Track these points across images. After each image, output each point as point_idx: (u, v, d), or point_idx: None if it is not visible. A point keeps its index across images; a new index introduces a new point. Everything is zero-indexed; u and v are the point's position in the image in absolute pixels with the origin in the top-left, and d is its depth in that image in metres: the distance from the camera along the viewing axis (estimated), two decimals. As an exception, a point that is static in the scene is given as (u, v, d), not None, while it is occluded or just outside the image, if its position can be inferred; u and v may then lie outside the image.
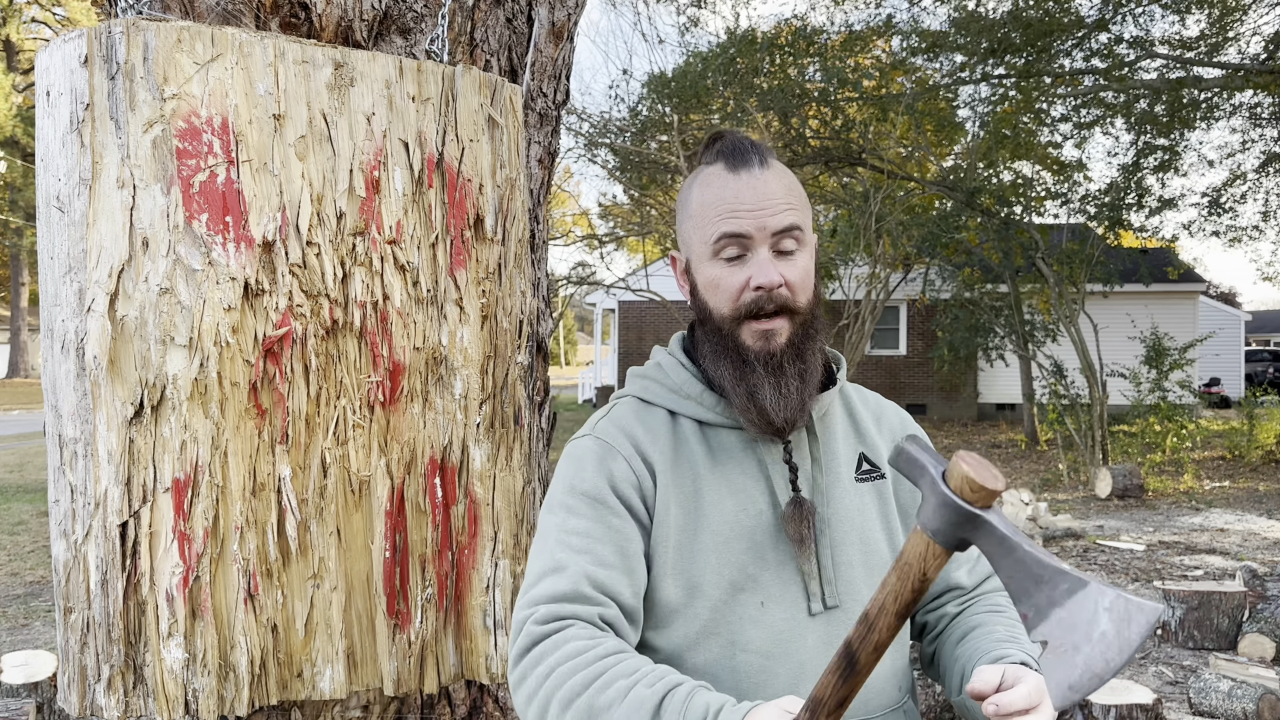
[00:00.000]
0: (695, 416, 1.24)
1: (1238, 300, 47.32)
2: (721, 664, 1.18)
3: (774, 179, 1.20)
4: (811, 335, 1.22)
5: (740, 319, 1.18)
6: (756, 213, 1.17)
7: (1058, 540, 8.19)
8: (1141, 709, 3.70)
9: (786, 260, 1.19)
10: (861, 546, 1.23)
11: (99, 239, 1.41)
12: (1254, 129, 13.32)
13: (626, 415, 1.26)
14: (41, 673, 3.93)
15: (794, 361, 1.19)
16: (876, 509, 1.26)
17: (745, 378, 1.18)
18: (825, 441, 1.26)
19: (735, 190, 1.18)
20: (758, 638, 1.18)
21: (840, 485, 1.25)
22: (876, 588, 1.11)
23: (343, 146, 1.53)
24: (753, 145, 1.21)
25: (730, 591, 1.18)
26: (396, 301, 1.58)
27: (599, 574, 1.14)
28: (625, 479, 1.19)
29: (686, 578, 1.18)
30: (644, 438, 1.22)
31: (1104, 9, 11.43)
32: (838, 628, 1.20)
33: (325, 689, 1.55)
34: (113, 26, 1.40)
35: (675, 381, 1.26)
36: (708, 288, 1.21)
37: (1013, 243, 12.98)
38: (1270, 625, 4.98)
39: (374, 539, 1.58)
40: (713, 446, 1.23)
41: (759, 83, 13.02)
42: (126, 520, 1.42)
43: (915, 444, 0.98)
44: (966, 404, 20.24)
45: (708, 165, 1.23)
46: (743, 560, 1.19)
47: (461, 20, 1.81)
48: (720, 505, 1.20)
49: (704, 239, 1.19)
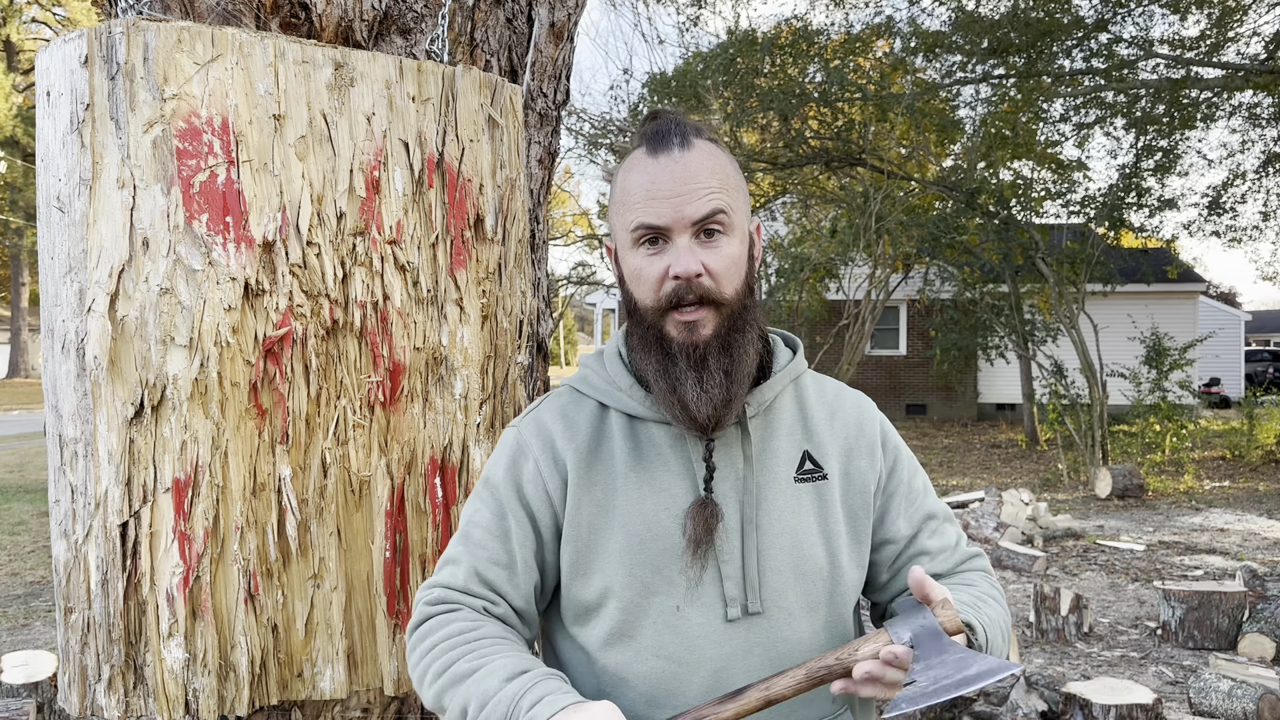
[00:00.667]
0: (625, 410, 1.21)
1: (1238, 300, 47.31)
2: (632, 667, 1.15)
3: (697, 160, 1.13)
4: (741, 328, 1.15)
5: (663, 310, 1.13)
6: (674, 200, 1.11)
7: (1058, 540, 8.19)
8: (1141, 709, 3.71)
9: (709, 248, 1.13)
10: (793, 550, 1.17)
11: (99, 239, 1.41)
12: (1254, 129, 13.32)
13: (552, 410, 1.24)
14: (41, 673, 3.93)
15: (719, 355, 1.13)
16: (814, 511, 1.20)
17: (668, 370, 1.14)
18: (764, 438, 1.21)
19: (653, 175, 1.12)
20: (671, 643, 1.14)
21: (775, 485, 1.19)
22: (804, 594, 1.17)
23: (343, 146, 1.53)
24: (676, 125, 1.15)
25: (643, 593, 1.15)
26: (396, 301, 1.58)
27: (489, 572, 1.17)
28: (532, 480, 1.19)
29: (599, 577, 1.16)
30: (561, 435, 1.20)
31: (1103, 9, 11.43)
32: (759, 635, 1.15)
33: (325, 689, 1.55)
34: (113, 27, 1.41)
35: (609, 373, 1.24)
36: (632, 278, 1.16)
37: (1013, 243, 12.98)
38: (1270, 625, 4.98)
39: (374, 539, 1.58)
40: (640, 442, 1.20)
41: (759, 83, 13.02)
42: (127, 520, 1.42)
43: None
44: (966, 404, 20.24)
45: (634, 149, 1.18)
46: (659, 561, 1.15)
47: (461, 20, 1.81)
48: (639, 504, 1.17)
49: (624, 227, 1.15)
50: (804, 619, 1.18)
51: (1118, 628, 5.72)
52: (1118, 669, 4.98)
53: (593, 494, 1.18)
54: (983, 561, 1.32)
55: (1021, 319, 14.07)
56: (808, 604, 1.18)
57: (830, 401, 1.28)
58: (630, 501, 1.17)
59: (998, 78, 12.49)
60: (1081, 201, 13.00)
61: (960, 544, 1.31)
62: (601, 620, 1.17)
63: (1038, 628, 5.56)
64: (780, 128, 13.93)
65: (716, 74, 12.77)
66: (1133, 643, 5.43)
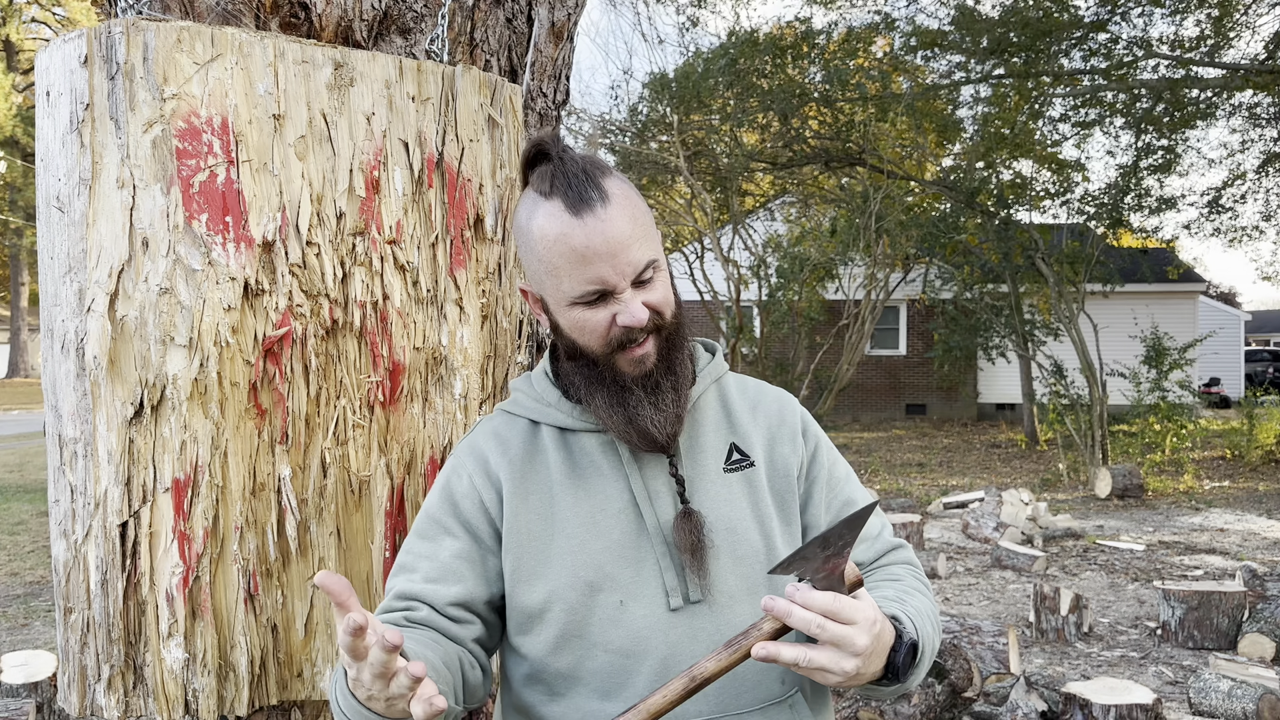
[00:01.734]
0: (555, 423, 1.26)
1: (1238, 300, 47.32)
2: (583, 665, 1.19)
3: (619, 215, 1.13)
4: (677, 344, 1.22)
5: (613, 351, 1.18)
6: (611, 260, 1.13)
7: (1057, 540, 8.19)
8: (1141, 709, 3.71)
9: (647, 288, 1.17)
10: (729, 536, 1.22)
11: (99, 239, 1.41)
12: (1253, 129, 13.32)
13: (484, 432, 1.31)
14: (41, 673, 3.93)
15: (666, 375, 1.20)
16: (745, 497, 1.25)
17: (624, 401, 1.19)
18: (691, 435, 1.26)
19: (583, 238, 1.12)
20: (617, 637, 1.18)
21: (706, 477, 1.24)
22: (743, 578, 1.20)
23: (343, 146, 1.53)
24: (587, 178, 1.14)
25: (587, 593, 1.19)
26: (396, 301, 1.58)
27: (409, 587, 1.21)
28: (467, 495, 1.25)
29: (543, 584, 1.20)
30: (494, 451, 1.26)
31: (1100, 9, 11.43)
32: (703, 621, 1.19)
33: (325, 689, 1.55)
34: (112, 26, 1.40)
35: (537, 391, 1.30)
36: (573, 328, 1.19)
37: (1012, 243, 12.98)
38: (1270, 625, 4.98)
39: (374, 539, 1.58)
40: (572, 451, 1.25)
41: (759, 83, 13.03)
42: (126, 520, 1.42)
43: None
44: (966, 404, 20.24)
45: (544, 198, 1.15)
46: (600, 560, 1.19)
47: (461, 20, 1.81)
48: (576, 509, 1.21)
49: (559, 289, 1.16)
50: (744, 602, 1.22)
51: (1117, 628, 5.72)
52: (1117, 669, 4.99)
53: (529, 503, 1.23)
54: (906, 553, 1.35)
55: (1021, 319, 14.07)
56: (747, 587, 1.22)
57: (752, 396, 1.34)
58: (568, 506, 1.22)
59: (997, 78, 12.49)
60: (1081, 200, 13.01)
61: (884, 534, 1.34)
62: (547, 625, 1.20)
63: (1037, 628, 5.56)
64: (780, 127, 13.93)
65: (717, 74, 12.77)
66: (1132, 643, 5.43)
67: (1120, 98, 12.13)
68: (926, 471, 12.82)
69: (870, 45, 13.38)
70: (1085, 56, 11.93)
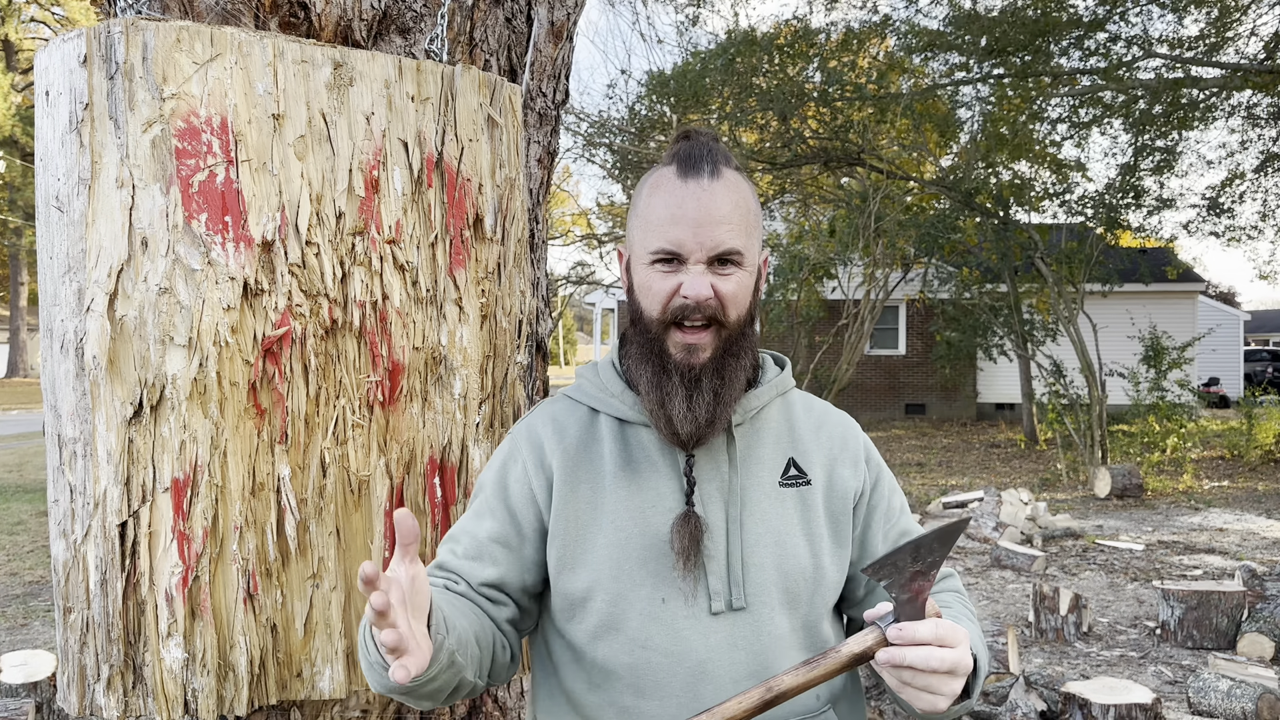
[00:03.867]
0: (615, 414, 1.27)
1: (1237, 300, 47.35)
2: (621, 659, 1.20)
3: (723, 192, 1.17)
4: (736, 353, 1.22)
5: (668, 324, 1.19)
6: (696, 228, 1.15)
7: (1057, 540, 8.19)
8: (1141, 708, 3.71)
9: (721, 275, 1.18)
10: (776, 549, 1.22)
11: (98, 239, 1.41)
12: (1252, 129, 13.32)
13: (543, 416, 1.32)
14: (41, 672, 3.93)
15: (712, 377, 1.19)
16: (798, 514, 1.25)
17: (661, 384, 1.20)
18: (750, 445, 1.26)
19: (680, 200, 1.16)
20: (657, 634, 1.19)
21: (760, 488, 1.24)
22: (786, 591, 1.20)
23: (342, 146, 1.53)
24: (709, 153, 1.19)
25: (629, 586, 1.20)
26: (396, 301, 1.58)
27: (451, 562, 1.25)
28: (519, 481, 1.26)
29: (586, 571, 1.21)
30: (550, 439, 1.27)
31: (1098, 8, 11.43)
32: (743, 629, 1.20)
33: (325, 689, 1.55)
34: (112, 26, 1.40)
35: (602, 380, 1.31)
36: (641, 289, 1.21)
37: (1011, 243, 12.98)
38: (1269, 625, 4.99)
39: (373, 539, 1.58)
40: (629, 444, 1.26)
41: (758, 83, 13.02)
42: (126, 520, 1.42)
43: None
44: (966, 403, 20.24)
45: (665, 164, 1.21)
46: (645, 556, 1.20)
47: (461, 20, 1.81)
48: (627, 502, 1.22)
49: (644, 244, 1.19)
50: (785, 615, 1.22)
51: (1117, 627, 5.72)
52: (1117, 669, 4.99)
53: (579, 492, 1.24)
54: (956, 582, 1.36)
55: (1020, 319, 14.07)
56: (789, 600, 1.23)
57: (818, 416, 1.35)
58: (618, 499, 1.22)
59: (995, 77, 12.49)
60: (1079, 200, 13.01)
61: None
62: (589, 614, 1.21)
63: (1037, 627, 5.56)
64: (779, 127, 13.93)
65: (716, 74, 12.77)
66: (1132, 642, 5.43)
67: (1119, 98, 12.13)
68: (926, 471, 12.82)
69: (867, 45, 13.38)
70: (1084, 56, 11.93)
